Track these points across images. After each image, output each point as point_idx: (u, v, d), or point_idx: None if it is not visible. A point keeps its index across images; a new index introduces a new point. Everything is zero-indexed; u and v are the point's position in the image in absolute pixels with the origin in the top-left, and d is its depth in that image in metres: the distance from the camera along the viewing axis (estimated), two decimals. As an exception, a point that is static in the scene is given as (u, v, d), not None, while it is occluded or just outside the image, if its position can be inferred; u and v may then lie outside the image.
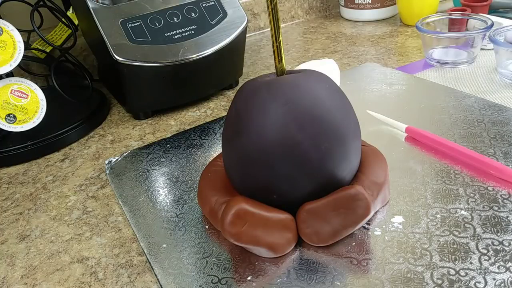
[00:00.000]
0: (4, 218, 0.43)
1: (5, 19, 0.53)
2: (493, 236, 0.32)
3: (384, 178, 0.35)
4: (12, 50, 0.52)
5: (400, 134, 0.46)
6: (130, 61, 0.52)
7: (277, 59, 0.33)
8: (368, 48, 0.73)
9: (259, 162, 0.31)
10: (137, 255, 0.36)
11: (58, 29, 0.67)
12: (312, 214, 0.32)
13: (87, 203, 0.44)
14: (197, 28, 0.56)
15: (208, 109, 0.60)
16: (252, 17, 0.88)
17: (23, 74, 0.68)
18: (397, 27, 0.82)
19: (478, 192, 0.36)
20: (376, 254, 0.32)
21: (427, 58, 0.63)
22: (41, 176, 0.49)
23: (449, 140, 0.42)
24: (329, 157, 0.31)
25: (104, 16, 0.53)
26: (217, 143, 0.49)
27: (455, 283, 0.29)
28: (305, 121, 0.31)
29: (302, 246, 0.33)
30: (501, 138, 0.42)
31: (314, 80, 0.33)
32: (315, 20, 0.93)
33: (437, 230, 0.33)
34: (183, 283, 0.31)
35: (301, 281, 0.30)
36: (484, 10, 0.72)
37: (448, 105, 0.49)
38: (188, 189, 0.42)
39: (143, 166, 0.47)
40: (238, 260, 0.33)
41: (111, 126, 0.59)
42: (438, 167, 0.40)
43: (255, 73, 0.70)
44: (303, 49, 0.77)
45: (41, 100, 0.54)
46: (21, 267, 0.37)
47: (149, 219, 0.38)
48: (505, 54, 0.54)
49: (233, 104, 0.34)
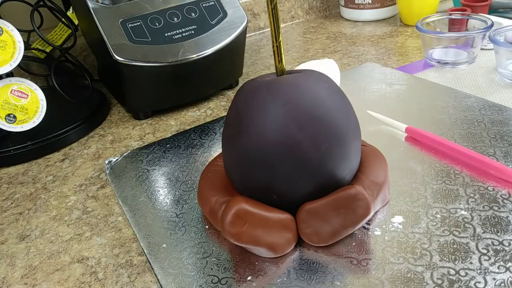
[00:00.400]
0: (4, 218, 0.43)
1: (5, 19, 0.53)
2: (493, 236, 0.32)
3: (384, 178, 0.35)
4: (12, 50, 0.52)
5: (400, 134, 0.46)
6: (130, 61, 0.52)
7: (277, 59, 0.33)
8: (368, 48, 0.73)
9: (259, 162, 0.31)
10: (137, 255, 0.36)
11: (58, 29, 0.67)
12: (312, 214, 0.32)
13: (87, 203, 0.44)
14: (197, 28, 0.56)
15: (208, 109, 0.60)
16: (252, 17, 0.88)
17: (23, 74, 0.68)
18: (397, 27, 0.82)
19: (478, 192, 0.36)
20: (376, 254, 0.32)
21: (427, 58, 0.63)
22: (41, 176, 0.49)
23: (449, 140, 0.42)
24: (329, 157, 0.31)
25: (104, 16, 0.53)
26: (217, 143, 0.49)
27: (455, 283, 0.29)
28: (305, 121, 0.31)
29: (302, 246, 0.33)
30: (501, 138, 0.42)
31: (314, 80, 0.33)
32: (315, 20, 0.93)
33: (437, 230, 0.33)
34: (183, 283, 0.31)
35: (301, 281, 0.30)
36: (484, 10, 0.72)
37: (448, 105, 0.49)
38: (188, 189, 0.42)
39: (143, 166, 0.47)
40: (238, 260, 0.33)
41: (111, 126, 0.59)
42: (438, 167, 0.40)
43: (255, 73, 0.70)
44: (303, 49, 0.77)
45: (41, 100, 0.54)
46: (21, 267, 0.37)
47: (149, 219, 0.38)
48: (505, 54, 0.54)
49: (233, 104, 0.34)
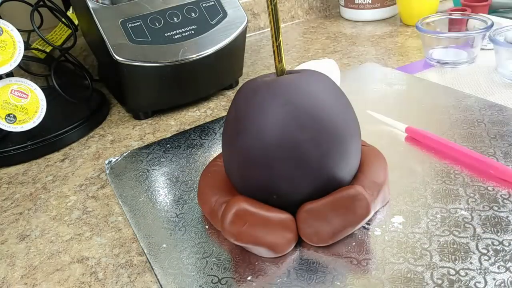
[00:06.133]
0: (4, 218, 0.43)
1: (5, 19, 0.53)
2: (493, 236, 0.32)
3: (384, 178, 0.35)
4: (12, 50, 0.52)
5: (400, 134, 0.46)
6: (130, 61, 0.52)
7: (277, 59, 0.33)
8: (368, 48, 0.73)
9: (259, 162, 0.31)
10: (137, 255, 0.36)
11: (58, 29, 0.67)
12: (312, 214, 0.32)
13: (87, 203, 0.44)
14: (197, 28, 0.56)
15: (208, 109, 0.60)
16: (252, 17, 0.88)
17: (23, 74, 0.68)
18: (397, 27, 0.82)
19: (478, 192, 0.36)
20: (376, 254, 0.32)
21: (427, 58, 0.63)
22: (41, 176, 0.49)
23: (449, 140, 0.42)
24: (329, 157, 0.31)
25: (104, 16, 0.53)
26: (217, 143, 0.49)
27: (455, 283, 0.29)
28: (305, 121, 0.31)
29: (302, 246, 0.33)
30: (501, 138, 0.42)
31: (314, 80, 0.33)
32: (315, 20, 0.93)
33: (437, 230, 0.33)
34: (183, 283, 0.31)
35: (301, 281, 0.30)
36: (484, 10, 0.72)
37: (448, 105, 0.49)
38: (188, 189, 0.42)
39: (143, 166, 0.47)
40: (238, 260, 0.33)
41: (111, 126, 0.59)
42: (438, 167, 0.40)
43: (255, 73, 0.70)
44: (303, 49, 0.77)
45: (41, 100, 0.54)
46: (21, 267, 0.37)
47: (149, 219, 0.38)
48: (505, 54, 0.54)
49: (233, 104, 0.34)
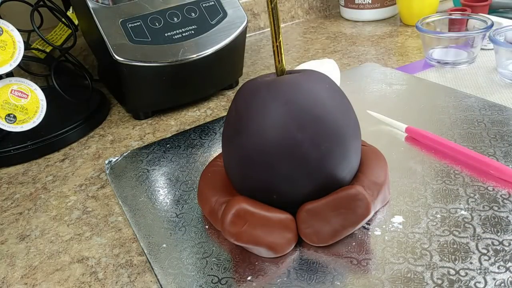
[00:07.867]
0: (4, 218, 0.43)
1: (5, 19, 0.53)
2: (493, 236, 0.32)
3: (384, 178, 0.35)
4: (12, 50, 0.52)
5: (400, 134, 0.46)
6: (130, 61, 0.52)
7: (277, 59, 0.33)
8: (368, 48, 0.73)
9: (259, 162, 0.31)
10: (137, 255, 0.36)
11: (58, 29, 0.67)
12: (312, 214, 0.32)
13: (87, 203, 0.44)
14: (197, 28, 0.56)
15: (208, 109, 0.60)
16: (252, 17, 0.88)
17: (23, 74, 0.68)
18: (397, 27, 0.82)
19: (478, 192, 0.36)
20: (376, 254, 0.32)
21: (427, 58, 0.63)
22: (41, 176, 0.49)
23: (449, 140, 0.42)
24: (329, 157, 0.31)
25: (104, 16, 0.53)
26: (217, 143, 0.49)
27: (455, 283, 0.29)
28: (305, 121, 0.31)
29: (302, 246, 0.33)
30: (501, 138, 0.42)
31: (314, 80, 0.33)
32: (315, 20, 0.93)
33: (437, 230, 0.33)
34: (183, 283, 0.31)
35: (301, 281, 0.30)
36: (484, 10, 0.72)
37: (448, 105, 0.49)
38: (188, 189, 0.42)
39: (143, 166, 0.47)
40: (238, 260, 0.33)
41: (111, 126, 0.59)
42: (438, 167, 0.40)
43: (255, 73, 0.70)
44: (303, 49, 0.77)
45: (41, 100, 0.54)
46: (21, 267, 0.37)
47: (149, 219, 0.38)
48: (505, 54, 0.54)
49: (233, 104, 0.34)
